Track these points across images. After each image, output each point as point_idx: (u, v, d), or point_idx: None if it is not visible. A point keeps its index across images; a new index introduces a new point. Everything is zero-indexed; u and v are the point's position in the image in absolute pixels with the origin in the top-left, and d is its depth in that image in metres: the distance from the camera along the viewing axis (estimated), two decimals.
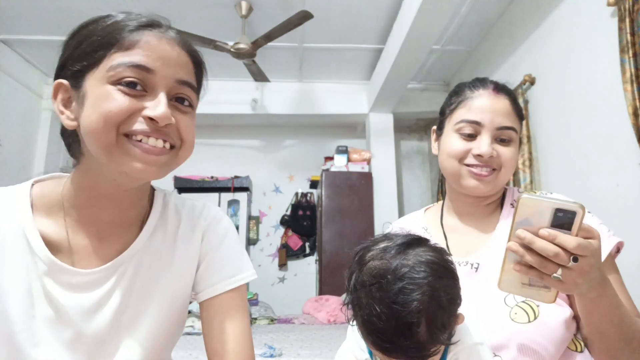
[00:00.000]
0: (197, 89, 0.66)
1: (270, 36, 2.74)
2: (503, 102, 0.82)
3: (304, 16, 2.56)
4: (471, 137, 0.82)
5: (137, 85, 0.57)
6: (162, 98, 0.58)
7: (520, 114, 0.86)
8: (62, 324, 0.61)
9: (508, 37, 3.02)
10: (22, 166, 3.51)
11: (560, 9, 2.41)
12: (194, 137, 0.65)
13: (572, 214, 0.55)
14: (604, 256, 0.74)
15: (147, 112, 0.57)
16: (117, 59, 0.57)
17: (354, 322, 0.64)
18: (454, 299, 0.60)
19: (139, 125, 0.57)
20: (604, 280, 0.62)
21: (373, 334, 0.59)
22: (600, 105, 2.08)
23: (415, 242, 0.63)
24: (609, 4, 1.93)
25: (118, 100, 0.56)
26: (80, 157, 0.63)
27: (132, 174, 0.58)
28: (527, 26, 2.76)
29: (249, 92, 4.16)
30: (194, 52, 0.65)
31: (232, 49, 2.81)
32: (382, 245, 0.63)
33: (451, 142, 0.84)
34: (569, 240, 0.54)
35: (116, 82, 0.56)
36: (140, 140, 0.58)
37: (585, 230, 0.56)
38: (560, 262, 0.55)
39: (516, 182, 2.66)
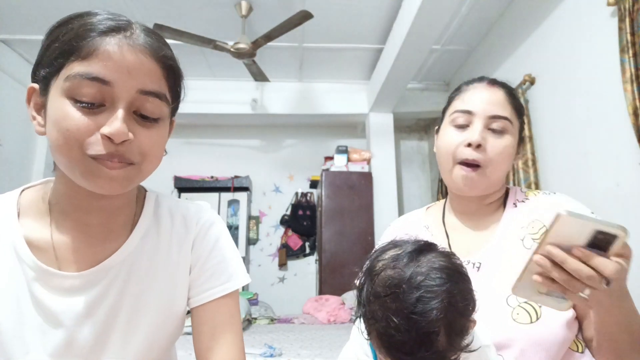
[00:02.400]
0: (168, 95, 0.61)
1: (270, 36, 2.74)
2: (497, 93, 0.82)
3: (304, 16, 2.56)
4: (465, 127, 0.82)
5: (94, 103, 0.54)
6: (119, 114, 0.54)
7: (518, 108, 0.84)
8: (52, 330, 0.60)
9: (508, 37, 3.02)
10: (22, 166, 3.51)
11: (560, 9, 2.41)
12: (159, 150, 0.61)
13: (613, 237, 0.52)
14: None
15: (103, 130, 0.54)
16: (75, 69, 0.53)
17: (368, 336, 0.61)
18: (470, 303, 0.59)
19: (96, 147, 0.54)
20: (624, 293, 0.61)
21: (392, 347, 0.57)
22: (600, 105, 2.08)
23: (425, 247, 0.62)
24: (609, 4, 1.93)
25: (75, 119, 0.53)
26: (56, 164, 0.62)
27: (95, 191, 0.57)
28: (527, 26, 2.76)
29: (249, 92, 4.16)
30: (163, 57, 0.59)
31: (232, 49, 2.81)
32: (391, 253, 0.62)
33: (446, 133, 0.85)
34: (606, 264, 0.52)
35: (72, 96, 0.54)
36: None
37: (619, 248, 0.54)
38: (592, 285, 0.53)
39: (517, 182, 2.66)
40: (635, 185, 1.87)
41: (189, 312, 0.74)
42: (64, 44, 0.54)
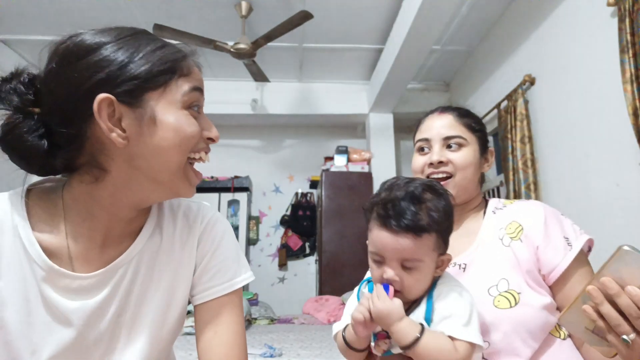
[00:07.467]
0: None
1: (270, 36, 2.74)
2: (446, 118, 0.99)
3: (304, 16, 2.56)
4: (427, 152, 0.99)
5: (199, 108, 0.66)
6: (206, 117, 0.67)
7: (469, 124, 0.97)
8: (61, 330, 0.61)
9: (508, 37, 3.02)
10: None
11: (560, 9, 2.41)
12: None
13: None
14: (575, 252, 0.80)
15: (208, 134, 0.66)
16: (186, 84, 0.63)
17: (370, 222, 0.75)
18: (449, 205, 0.75)
19: (202, 145, 0.66)
20: None
21: (386, 213, 0.71)
22: (600, 105, 2.08)
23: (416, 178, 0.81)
24: (609, 4, 1.93)
25: (195, 125, 0.63)
26: (105, 174, 0.61)
27: (185, 196, 0.67)
28: (527, 26, 2.76)
29: (249, 92, 4.16)
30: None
31: (232, 49, 2.81)
32: (388, 183, 0.80)
33: (414, 159, 1.04)
34: None
35: (190, 106, 0.63)
36: (193, 163, 0.66)
37: None
38: (638, 327, 0.52)
39: (517, 183, 2.66)
40: (635, 185, 1.87)
41: (189, 312, 0.74)
42: (166, 63, 0.62)
